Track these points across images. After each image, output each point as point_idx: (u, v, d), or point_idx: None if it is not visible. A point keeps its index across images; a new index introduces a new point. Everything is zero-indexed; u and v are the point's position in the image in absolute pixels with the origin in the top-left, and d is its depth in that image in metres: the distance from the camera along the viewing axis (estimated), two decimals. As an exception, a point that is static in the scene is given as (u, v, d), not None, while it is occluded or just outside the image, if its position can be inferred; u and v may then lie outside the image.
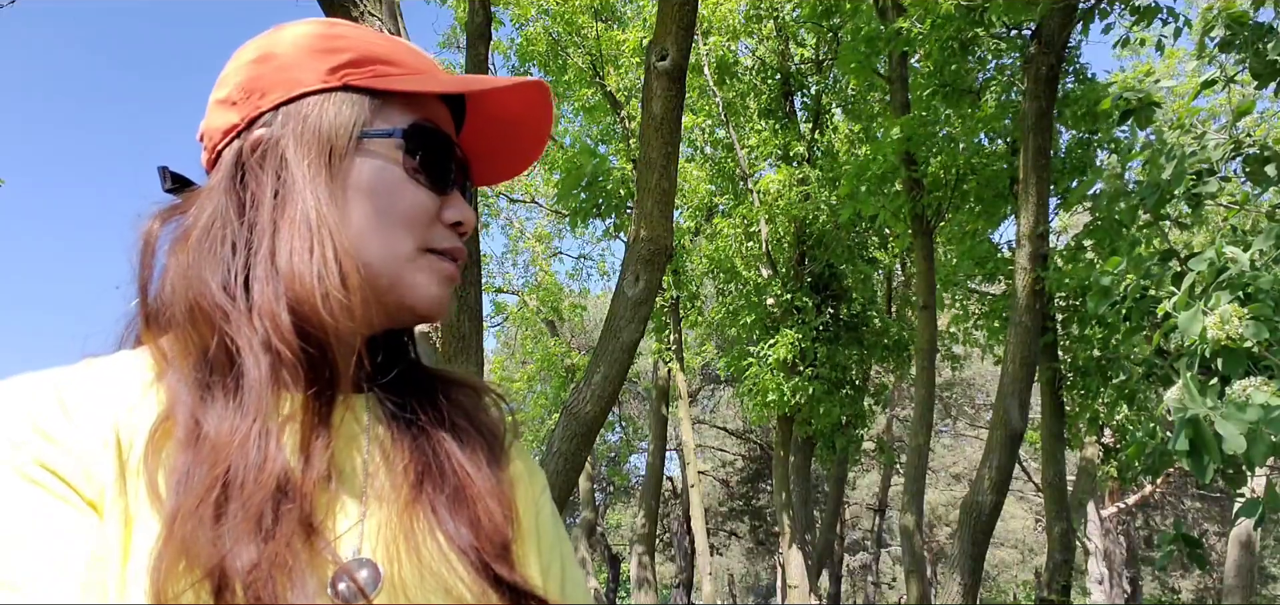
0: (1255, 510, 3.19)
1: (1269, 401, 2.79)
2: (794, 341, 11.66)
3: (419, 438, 0.69)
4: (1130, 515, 18.58)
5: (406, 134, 0.68)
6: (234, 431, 0.57)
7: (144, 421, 0.58)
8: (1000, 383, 7.77)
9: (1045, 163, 7.71)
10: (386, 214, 0.67)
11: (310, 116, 0.67)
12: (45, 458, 0.54)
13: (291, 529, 0.56)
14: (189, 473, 0.55)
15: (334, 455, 0.64)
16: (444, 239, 0.70)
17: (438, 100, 0.72)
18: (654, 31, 3.73)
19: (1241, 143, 4.10)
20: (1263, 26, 4.23)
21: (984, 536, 7.52)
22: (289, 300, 0.61)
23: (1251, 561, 11.15)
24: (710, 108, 13.33)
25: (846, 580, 25.51)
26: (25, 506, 0.52)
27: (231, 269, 0.63)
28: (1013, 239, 9.46)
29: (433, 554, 0.63)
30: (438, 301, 0.70)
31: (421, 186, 0.68)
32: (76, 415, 0.57)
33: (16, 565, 0.50)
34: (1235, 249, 3.46)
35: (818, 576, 14.26)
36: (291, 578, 0.54)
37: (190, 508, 0.53)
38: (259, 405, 0.58)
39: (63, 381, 0.60)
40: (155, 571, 0.52)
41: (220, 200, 0.66)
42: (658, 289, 3.83)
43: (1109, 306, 4.25)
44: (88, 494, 0.55)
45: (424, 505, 0.65)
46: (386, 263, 0.67)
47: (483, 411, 0.75)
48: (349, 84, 0.67)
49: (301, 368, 0.61)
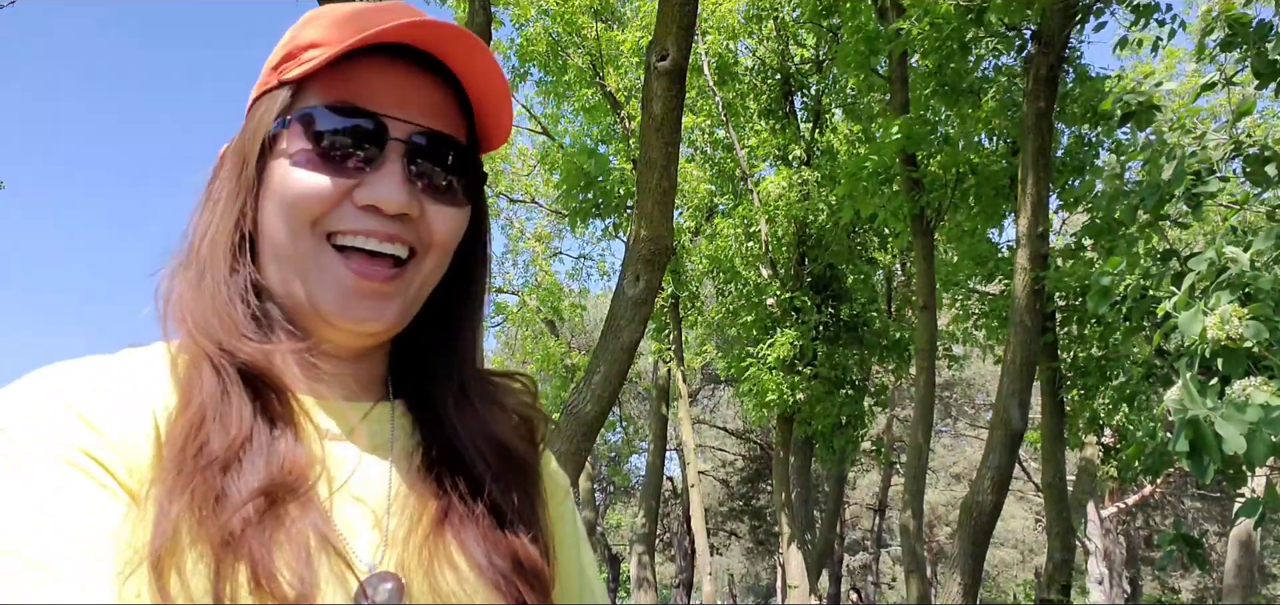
0: (1255, 510, 3.19)
1: (1269, 402, 2.79)
2: (794, 341, 11.66)
3: (448, 455, 0.67)
4: (1130, 515, 18.58)
5: (297, 119, 0.64)
6: (240, 423, 0.58)
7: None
8: (1000, 383, 7.77)
9: (1045, 162, 7.71)
10: (281, 207, 0.63)
11: (247, 124, 0.67)
12: (87, 444, 0.54)
13: (306, 535, 0.56)
14: (197, 451, 0.56)
15: (361, 465, 0.64)
16: (349, 221, 0.63)
17: (392, 70, 0.65)
18: (654, 32, 3.73)
19: (1241, 143, 4.10)
20: (1264, 26, 4.23)
21: (984, 536, 7.52)
22: (189, 319, 0.62)
23: (1251, 561, 11.15)
24: (710, 108, 13.32)
25: (846, 580, 25.51)
26: (66, 492, 0.52)
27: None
28: (1012, 239, 9.46)
29: (455, 579, 0.62)
30: (339, 312, 0.63)
31: (310, 169, 0.62)
32: (117, 404, 0.57)
33: (55, 550, 0.50)
34: (1235, 249, 3.46)
35: (818, 577, 14.25)
36: (315, 588, 0.54)
37: (199, 491, 0.54)
38: (218, 401, 0.58)
39: (104, 370, 0.60)
40: (153, 538, 0.52)
41: (199, 206, 0.67)
42: (658, 289, 3.83)
43: (1109, 306, 4.25)
44: (127, 482, 0.55)
45: (452, 528, 0.64)
46: (289, 265, 0.64)
47: (517, 419, 0.73)
48: (283, 80, 0.65)
49: (243, 381, 0.60)
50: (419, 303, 0.69)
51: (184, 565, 0.52)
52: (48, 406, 0.55)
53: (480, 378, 0.73)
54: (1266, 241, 3.53)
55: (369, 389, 0.70)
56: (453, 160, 0.66)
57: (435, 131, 0.65)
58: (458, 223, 0.68)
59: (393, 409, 0.69)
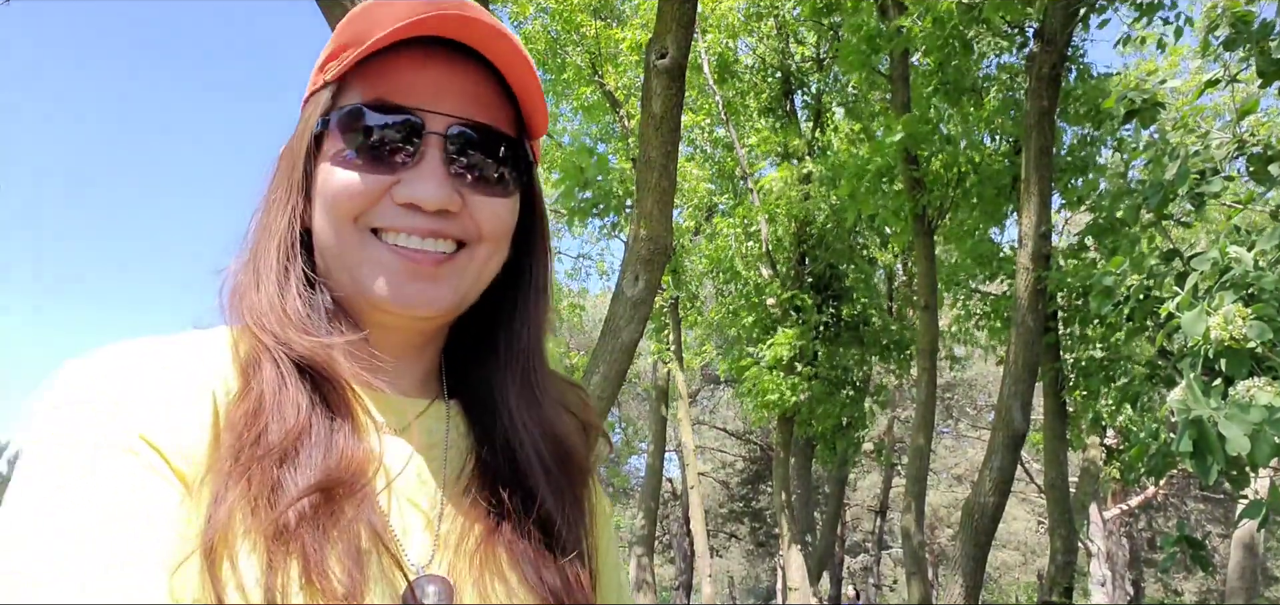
0: (1259, 512, 3.16)
1: (1272, 402, 2.77)
2: (794, 341, 11.64)
3: (502, 460, 0.67)
4: (1133, 517, 18.55)
5: (330, 121, 0.64)
6: (298, 414, 0.58)
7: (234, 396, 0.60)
8: (1002, 383, 7.75)
9: (1047, 161, 7.69)
10: (325, 206, 0.64)
11: (298, 125, 0.68)
12: (145, 430, 0.55)
13: (355, 522, 0.56)
14: (256, 440, 0.56)
15: (414, 462, 0.64)
16: (391, 218, 0.63)
17: (432, 63, 0.65)
18: (654, 29, 3.70)
19: (1245, 141, 4.07)
20: (1267, 25, 4.20)
21: (986, 538, 7.50)
22: (251, 315, 0.63)
23: (1254, 563, 11.12)
24: (710, 106, 13.31)
25: (847, 582, 25.48)
26: (121, 481, 0.52)
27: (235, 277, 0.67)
28: (1015, 238, 9.43)
29: (505, 588, 0.62)
30: (390, 296, 0.63)
31: (348, 168, 0.63)
32: (176, 389, 0.58)
33: (107, 537, 0.50)
34: (1239, 249, 3.44)
35: (818, 579, 14.23)
36: (365, 587, 0.54)
37: (256, 482, 0.54)
38: (277, 392, 0.59)
39: (166, 352, 0.60)
40: (207, 530, 0.52)
41: (258, 207, 0.69)
42: (657, 288, 3.81)
43: (1112, 306, 4.23)
44: (182, 468, 0.55)
45: (502, 537, 0.64)
46: (338, 260, 0.64)
47: (572, 430, 0.72)
48: (327, 81, 0.66)
49: (300, 376, 0.60)
50: (477, 291, 0.68)
51: (236, 555, 0.52)
52: (108, 389, 0.56)
53: (546, 373, 0.73)
54: (1270, 241, 3.50)
55: (424, 387, 0.71)
56: (495, 149, 0.65)
57: (474, 122, 0.64)
58: (506, 212, 0.67)
59: (448, 408, 0.70)
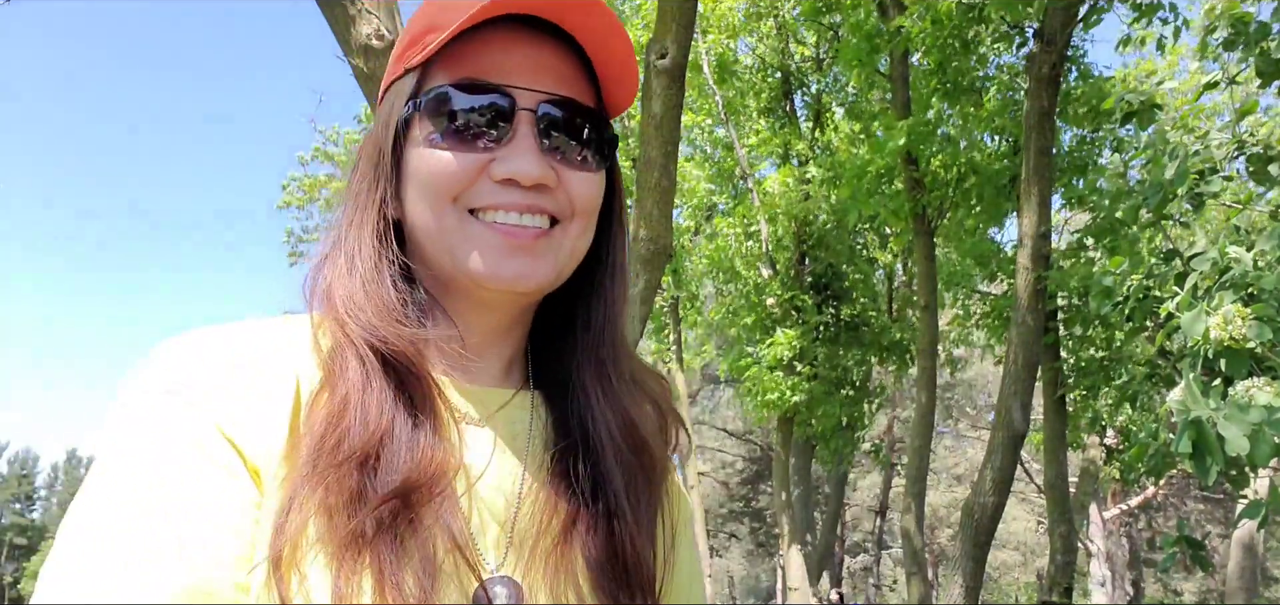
0: (1259, 512, 3.16)
1: (1272, 402, 2.77)
2: (794, 341, 11.64)
3: (581, 460, 0.66)
4: (1133, 517, 18.55)
5: (419, 104, 0.64)
6: (342, 402, 0.57)
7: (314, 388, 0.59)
8: (1002, 383, 7.75)
9: (1047, 162, 7.69)
10: (421, 190, 0.64)
11: (379, 115, 0.67)
12: (224, 424, 0.55)
13: (431, 527, 0.56)
14: (320, 436, 0.56)
15: (495, 456, 0.64)
16: (489, 196, 0.63)
17: (514, 43, 0.64)
18: (654, 29, 3.70)
19: (1244, 142, 4.07)
20: (1265, 25, 4.20)
21: (985, 538, 7.49)
22: (341, 305, 0.63)
23: (1254, 563, 11.12)
24: (710, 106, 13.31)
25: (848, 582, 25.48)
26: (194, 472, 0.53)
27: (318, 270, 0.66)
28: (1014, 238, 9.43)
29: (576, 593, 0.62)
30: (491, 272, 0.63)
31: (444, 149, 0.63)
32: (260, 381, 0.58)
33: (179, 532, 0.50)
34: (1238, 249, 3.44)
35: (818, 578, 14.23)
36: (430, 580, 0.54)
37: (305, 472, 0.54)
38: (362, 387, 0.58)
39: (252, 341, 0.60)
40: (274, 531, 0.52)
41: (342, 200, 0.69)
42: (657, 288, 3.81)
43: (1111, 306, 4.23)
44: (257, 465, 0.55)
45: (576, 544, 0.63)
46: (437, 242, 0.64)
47: (649, 419, 0.71)
48: (408, 67, 0.66)
49: (383, 367, 0.60)
50: (570, 267, 0.68)
51: (306, 565, 0.52)
52: (192, 380, 0.56)
53: (625, 356, 0.72)
54: (1270, 241, 3.50)
55: (508, 376, 0.70)
56: (584, 125, 0.66)
57: (565, 98, 0.65)
58: (597, 188, 0.68)
59: (532, 398, 0.70)
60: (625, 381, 0.70)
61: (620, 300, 0.72)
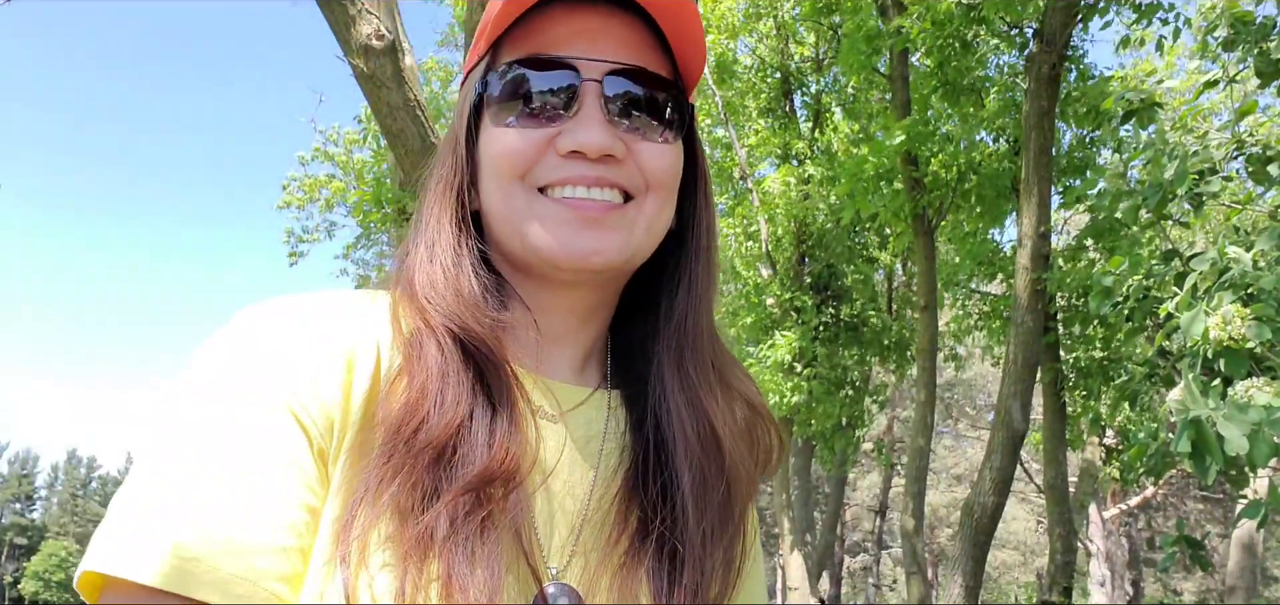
0: (1258, 512, 3.16)
1: (1271, 402, 2.77)
2: (793, 342, 11.64)
3: (655, 459, 0.64)
4: (1132, 517, 18.54)
5: (488, 86, 0.64)
6: (422, 393, 0.56)
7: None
8: (1001, 383, 7.74)
9: (1047, 162, 7.68)
10: (491, 171, 0.64)
11: (458, 105, 0.68)
12: (294, 403, 0.54)
13: (501, 527, 0.55)
14: (398, 428, 0.55)
15: (568, 456, 0.62)
16: (556, 171, 0.61)
17: (571, 15, 0.63)
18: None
19: (1244, 141, 4.07)
20: (1265, 25, 4.20)
21: (985, 538, 7.49)
22: (422, 293, 0.62)
23: (1254, 563, 11.11)
24: (709, 107, 13.31)
25: (847, 582, 25.48)
26: (263, 445, 0.52)
27: (403, 259, 0.67)
28: (1014, 238, 9.43)
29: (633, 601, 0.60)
30: (560, 248, 0.61)
31: (511, 127, 0.62)
32: (336, 359, 0.57)
33: (240, 501, 0.50)
34: (1238, 249, 3.44)
35: (818, 578, 14.23)
36: (496, 583, 0.53)
37: (381, 460, 0.54)
38: (441, 377, 0.57)
39: (332, 312, 0.59)
40: (345, 533, 0.52)
41: (426, 189, 0.68)
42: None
43: (1111, 307, 4.23)
44: (323, 442, 0.54)
45: (637, 566, 0.61)
46: (506, 223, 0.63)
47: (733, 424, 0.67)
48: (479, 55, 0.67)
49: (463, 356, 0.59)
50: (649, 246, 0.65)
51: (373, 559, 0.52)
52: (267, 352, 0.55)
53: (711, 345, 0.69)
54: (1269, 241, 3.50)
55: (587, 372, 0.68)
56: (654, 94, 0.64)
57: (631, 66, 0.63)
58: (672, 160, 0.65)
59: (609, 398, 0.67)
60: (708, 377, 0.67)
61: (707, 286, 0.70)
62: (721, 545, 0.64)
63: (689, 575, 0.61)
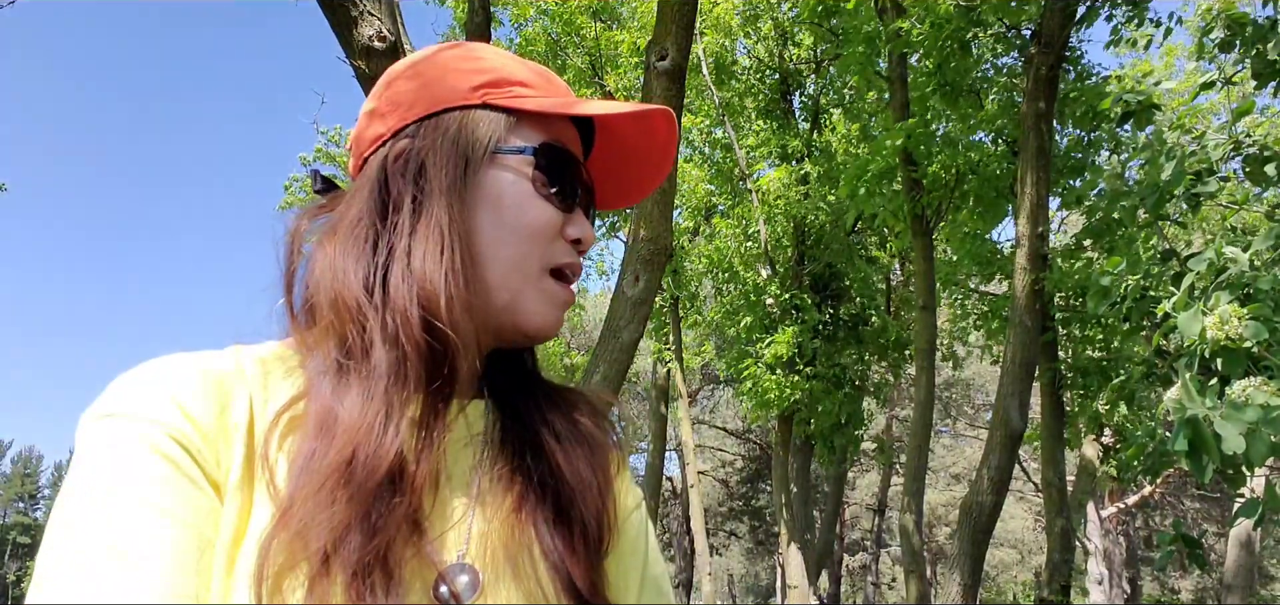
0: (1255, 511, 3.18)
1: (1268, 402, 2.79)
2: (793, 341, 11.65)
3: (528, 448, 0.71)
4: (1130, 515, 18.59)
5: (536, 151, 0.70)
6: (362, 417, 0.59)
7: (279, 406, 0.61)
8: (1000, 383, 7.77)
9: (1045, 163, 7.71)
10: (514, 226, 0.69)
11: (450, 130, 0.70)
12: (179, 434, 0.56)
13: (398, 524, 0.58)
14: (314, 455, 0.58)
15: (446, 455, 0.66)
16: (565, 254, 0.71)
17: (567, 123, 0.74)
18: (653, 32, 3.72)
19: (1241, 142, 4.09)
20: (1262, 26, 4.22)
21: (983, 536, 7.52)
22: (420, 299, 0.64)
23: (1251, 561, 11.15)
24: (708, 108, 13.33)
25: (846, 580, 25.53)
26: (151, 479, 0.54)
27: (372, 265, 0.67)
28: (1012, 238, 9.45)
29: (528, 567, 0.65)
30: (550, 326, 0.71)
31: (548, 202, 0.70)
32: (216, 397, 0.60)
33: (131, 535, 0.52)
34: (1235, 249, 3.46)
35: (817, 576, 14.25)
36: (393, 576, 0.56)
37: (310, 490, 0.56)
38: (386, 396, 0.61)
39: (207, 364, 0.62)
40: (263, 551, 0.54)
41: (365, 202, 0.70)
42: (657, 289, 3.83)
43: (1109, 307, 4.25)
44: (214, 475, 0.57)
45: (526, 517, 0.67)
46: (508, 278, 0.69)
47: (595, 429, 0.76)
48: (488, 102, 0.71)
49: (424, 366, 0.63)
50: None
51: (284, 572, 0.54)
52: (149, 395, 0.58)
53: (555, 385, 0.78)
54: (1266, 241, 3.52)
55: (469, 384, 0.73)
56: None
57: (592, 179, 0.76)
58: None
59: (487, 404, 0.74)
60: (554, 389, 0.77)
61: None
62: (594, 511, 0.70)
63: (569, 529, 0.67)
